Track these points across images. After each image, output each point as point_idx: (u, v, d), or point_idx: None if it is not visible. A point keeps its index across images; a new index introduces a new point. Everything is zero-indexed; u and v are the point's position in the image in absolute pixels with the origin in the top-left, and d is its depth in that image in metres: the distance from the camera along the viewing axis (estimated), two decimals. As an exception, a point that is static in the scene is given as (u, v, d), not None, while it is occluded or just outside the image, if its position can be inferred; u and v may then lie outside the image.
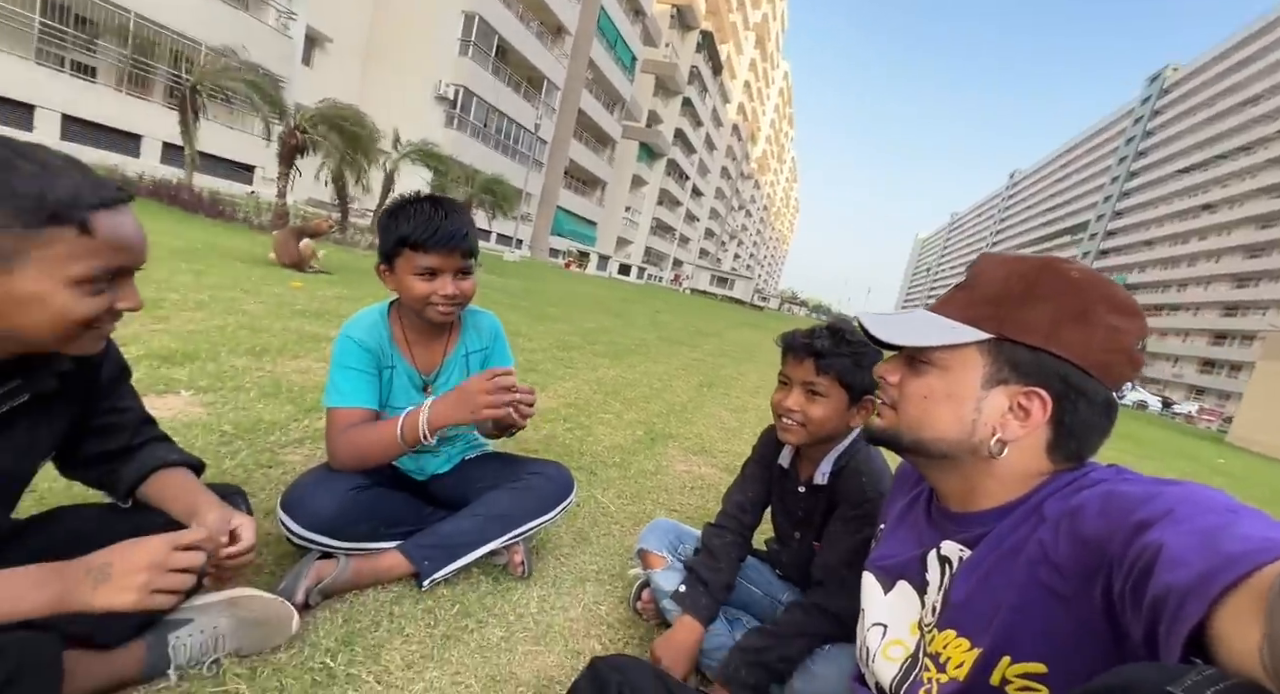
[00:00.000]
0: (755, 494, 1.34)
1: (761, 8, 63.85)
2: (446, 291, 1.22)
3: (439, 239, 1.18)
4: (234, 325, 3.16)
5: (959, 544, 0.68)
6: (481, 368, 1.44)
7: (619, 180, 40.95)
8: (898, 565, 0.77)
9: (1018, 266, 0.66)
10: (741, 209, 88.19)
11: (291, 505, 1.19)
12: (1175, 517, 0.45)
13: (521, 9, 25.23)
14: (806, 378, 1.12)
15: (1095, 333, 0.61)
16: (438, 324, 1.31)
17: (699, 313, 17.18)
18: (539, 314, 6.85)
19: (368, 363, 1.28)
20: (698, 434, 3.30)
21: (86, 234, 0.67)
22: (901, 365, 0.72)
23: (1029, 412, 0.62)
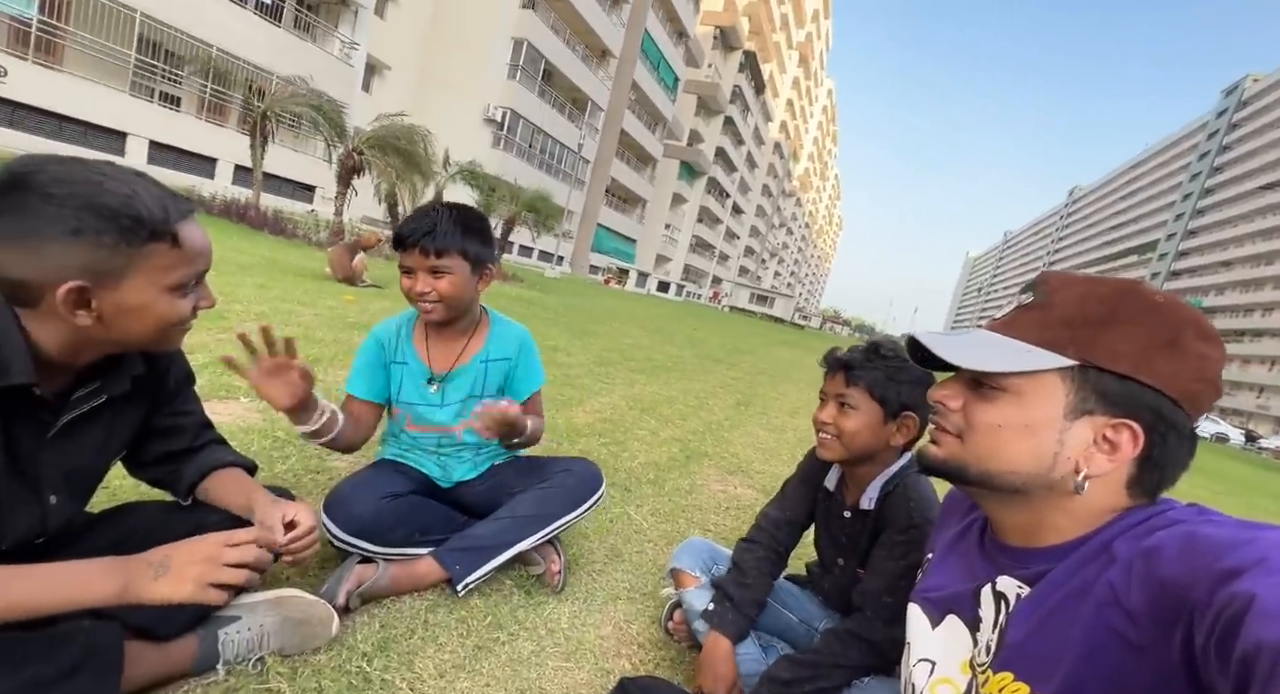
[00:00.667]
0: (794, 513, 1.30)
1: (805, 27, 63.96)
2: (417, 288, 1.28)
3: (410, 237, 1.26)
4: (291, 336, 3.32)
5: (1017, 581, 0.63)
6: (503, 378, 1.47)
7: (659, 198, 41.37)
8: (947, 599, 0.72)
9: (1096, 288, 0.61)
10: (782, 226, 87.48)
11: (331, 509, 1.25)
12: (1270, 566, 0.41)
13: (568, 34, 26.09)
14: (838, 390, 1.12)
15: (1186, 361, 0.57)
16: (432, 322, 1.37)
17: (737, 331, 17.04)
18: (578, 330, 6.94)
19: (374, 355, 1.39)
20: (734, 454, 3.24)
21: (176, 246, 0.75)
22: (963, 390, 0.66)
23: (1117, 445, 0.57)
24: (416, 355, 1.41)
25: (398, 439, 1.47)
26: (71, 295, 0.68)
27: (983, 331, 0.66)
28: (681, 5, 34.19)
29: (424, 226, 1.25)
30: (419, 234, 1.25)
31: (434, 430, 1.43)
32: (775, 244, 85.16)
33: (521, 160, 24.83)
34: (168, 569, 0.75)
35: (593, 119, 29.84)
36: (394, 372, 1.40)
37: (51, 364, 0.75)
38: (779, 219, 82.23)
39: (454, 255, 1.27)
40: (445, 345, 1.42)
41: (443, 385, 1.41)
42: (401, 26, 20.97)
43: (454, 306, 1.32)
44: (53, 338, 0.73)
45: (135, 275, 0.72)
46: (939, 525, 0.86)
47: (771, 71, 56.15)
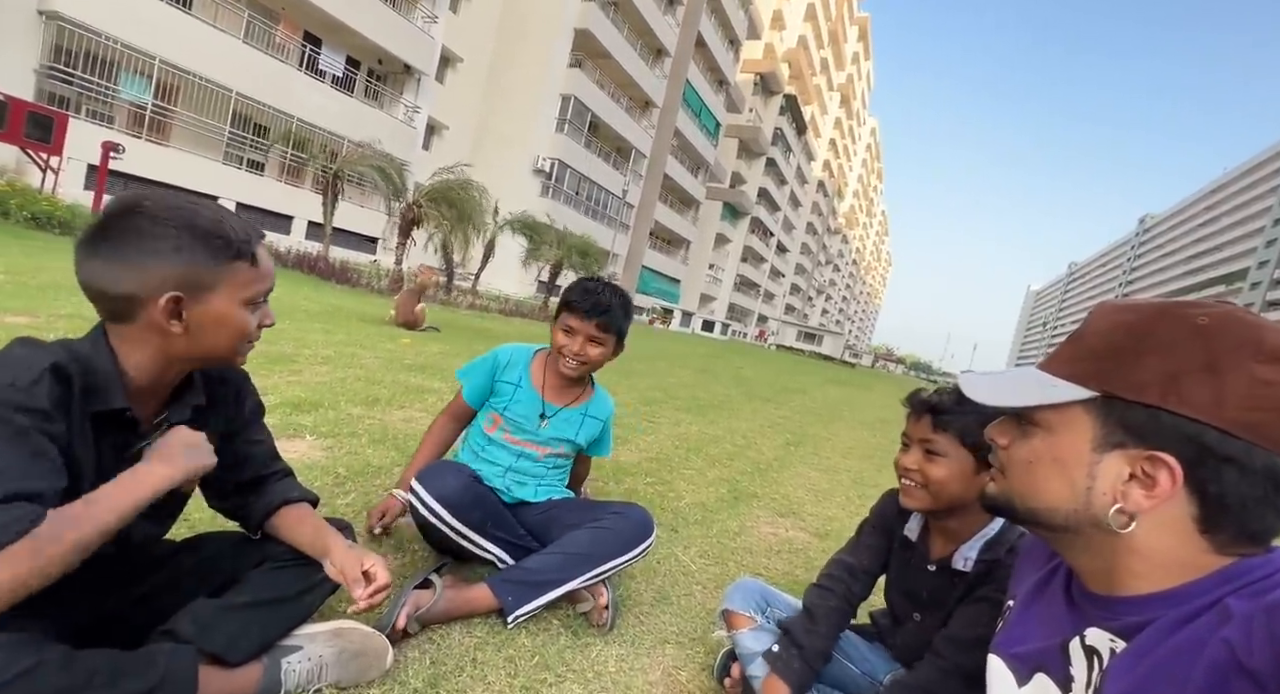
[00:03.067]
0: (868, 563, 1.22)
1: (845, 70, 64.99)
2: (573, 348, 1.51)
3: (584, 306, 1.50)
4: (352, 378, 3.52)
5: (1109, 633, 0.58)
6: (592, 434, 1.70)
7: (702, 239, 41.92)
8: (1034, 654, 0.66)
9: (1128, 315, 0.59)
10: (829, 264, 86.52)
11: (425, 478, 1.39)
12: None
13: (613, 88, 27.48)
14: (924, 435, 1.05)
15: (1231, 386, 0.51)
16: (565, 374, 1.57)
17: (785, 369, 16.71)
18: (624, 370, 6.99)
19: (487, 367, 1.64)
20: (784, 495, 3.14)
21: (254, 264, 0.86)
22: (1010, 427, 0.66)
23: (1155, 480, 0.53)
24: (531, 384, 1.63)
25: (476, 451, 1.64)
26: (170, 305, 0.78)
27: (1030, 368, 0.67)
28: (721, 56, 35.53)
29: (602, 304, 1.51)
30: (599, 310, 1.50)
31: (524, 445, 1.61)
32: (822, 281, 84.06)
33: (568, 207, 25.86)
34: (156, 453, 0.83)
35: (636, 165, 30.91)
36: (503, 388, 1.61)
37: (140, 389, 0.84)
38: (825, 256, 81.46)
39: (611, 333, 1.53)
40: (559, 387, 1.64)
41: (551, 419, 1.63)
42: (458, 89, 22.66)
43: (592, 370, 1.60)
44: (143, 356, 0.83)
45: (221, 288, 0.83)
46: (1020, 568, 0.81)
47: (813, 113, 56.96)
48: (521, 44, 23.60)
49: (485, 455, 1.62)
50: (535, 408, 1.61)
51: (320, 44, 16.17)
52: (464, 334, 7.32)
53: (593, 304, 1.48)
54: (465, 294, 14.03)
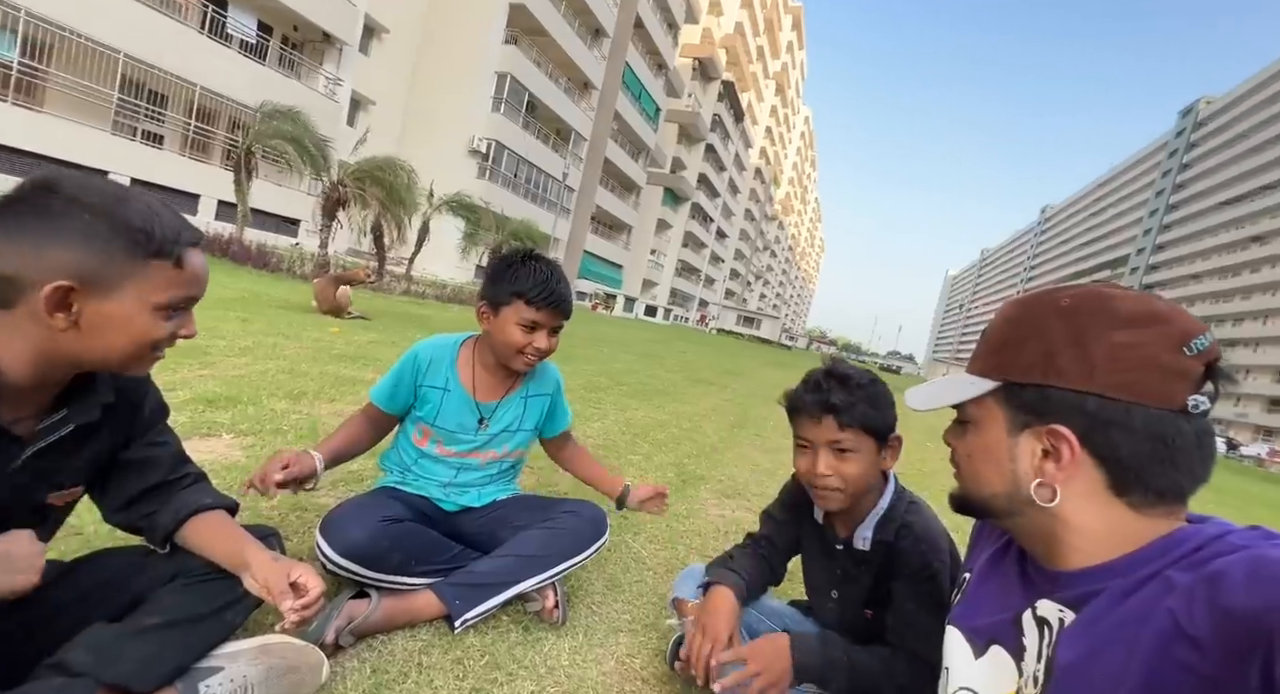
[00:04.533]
0: (780, 541, 1.28)
1: (780, 58, 66.26)
2: (541, 345, 1.35)
3: (553, 301, 1.33)
4: (275, 370, 3.27)
5: (1058, 605, 0.61)
6: (540, 415, 1.54)
7: (644, 224, 41.93)
8: (990, 627, 0.70)
9: (1014, 309, 0.66)
10: (766, 250, 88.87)
11: (329, 530, 1.23)
12: None
13: (551, 67, 26.72)
14: (831, 437, 1.02)
15: (1096, 354, 0.56)
16: (516, 371, 1.43)
17: (726, 353, 17.10)
18: (567, 356, 6.91)
19: (408, 373, 1.41)
20: (730, 477, 3.21)
21: (179, 267, 0.76)
22: (956, 428, 0.72)
23: (1059, 452, 0.59)
24: (461, 383, 1.43)
25: (408, 464, 1.47)
26: (56, 294, 0.68)
27: (954, 374, 0.74)
28: (660, 39, 35.30)
29: (566, 293, 1.36)
30: (564, 300, 1.36)
31: (464, 456, 1.46)
32: (760, 267, 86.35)
33: (506, 190, 25.09)
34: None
35: (576, 148, 30.37)
36: (429, 394, 1.42)
37: (17, 388, 0.72)
38: (762, 242, 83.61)
39: (568, 318, 1.41)
40: (492, 378, 1.46)
41: (490, 419, 1.45)
42: (386, 63, 21.35)
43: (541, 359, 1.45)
44: (21, 350, 0.71)
45: (129, 287, 0.72)
46: (974, 545, 0.84)
47: (750, 100, 57.88)
48: (453, 17, 22.49)
49: (418, 470, 1.45)
50: (469, 413, 1.43)
51: (225, 6, 14.71)
52: (398, 322, 6.98)
53: (559, 297, 1.34)
54: (399, 280, 13.36)
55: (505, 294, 1.32)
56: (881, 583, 1.09)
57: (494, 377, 1.46)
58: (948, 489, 0.75)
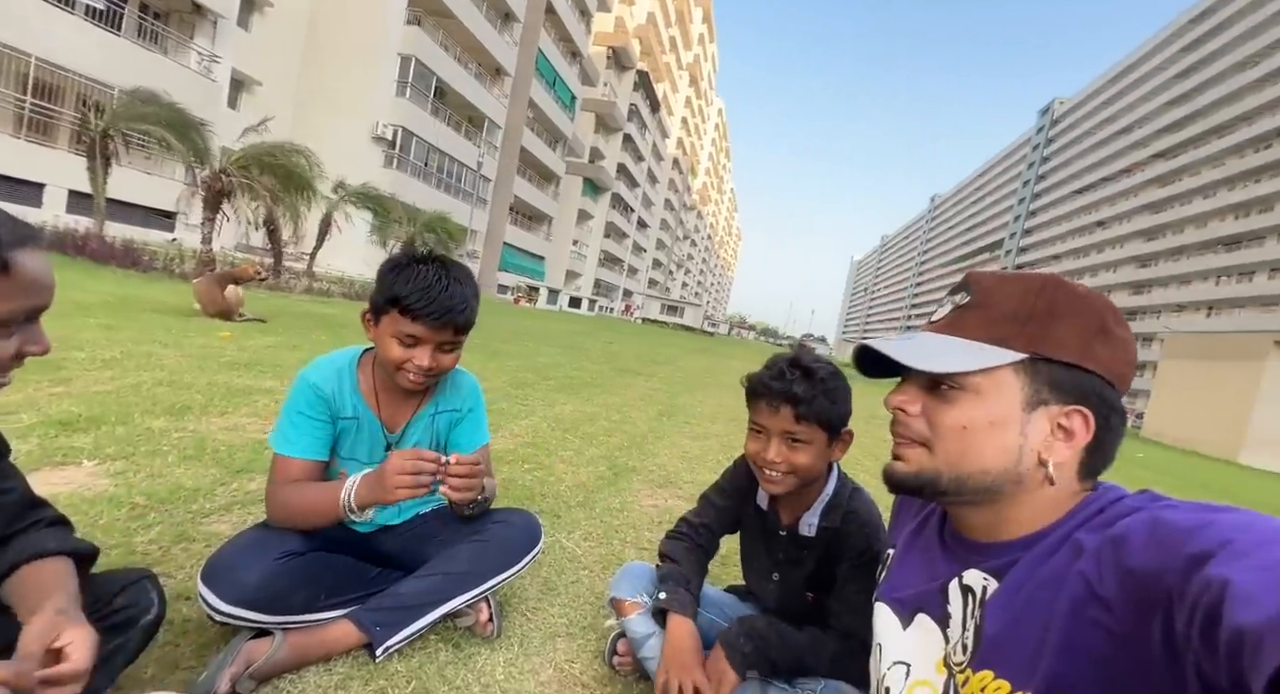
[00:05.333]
0: (714, 523, 1.29)
1: (693, 49, 67.28)
2: (422, 363, 1.13)
3: (432, 311, 1.09)
4: (150, 383, 2.89)
5: (984, 573, 0.64)
6: (449, 431, 1.35)
7: (565, 215, 41.35)
8: (915, 598, 0.71)
9: (1030, 282, 0.63)
10: (686, 239, 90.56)
11: (213, 576, 1.05)
12: (1235, 549, 0.42)
13: (459, 51, 25.50)
14: (786, 427, 1.04)
15: (1117, 345, 0.60)
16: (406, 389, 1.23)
17: (652, 342, 17.28)
18: (490, 351, 6.67)
19: (321, 410, 1.18)
20: (661, 466, 3.23)
21: (4, 274, 0.63)
22: (920, 394, 0.66)
23: (1071, 432, 0.60)
24: (368, 409, 1.24)
25: None
26: None
27: (927, 335, 0.67)
28: (574, 26, 34.68)
29: (457, 303, 1.12)
30: (447, 311, 1.11)
31: None
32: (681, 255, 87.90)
33: (417, 180, 23.79)
34: None
35: (491, 137, 29.31)
36: (339, 424, 1.22)
37: None
38: (682, 231, 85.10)
39: (466, 333, 1.19)
40: (395, 396, 1.26)
41: (398, 445, 1.27)
42: (271, 40, 19.46)
43: (442, 376, 1.25)
44: None
45: None
46: (896, 519, 0.86)
47: (665, 91, 58.36)
48: (346, -9, 20.86)
49: None
50: (377, 440, 1.26)
51: (64, -37, 12.73)
52: (300, 323, 6.42)
53: (441, 306, 1.09)
54: (299, 277, 12.30)
55: (384, 300, 1.12)
56: (824, 567, 1.12)
57: (397, 394, 1.25)
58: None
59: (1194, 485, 8.37)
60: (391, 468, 1.04)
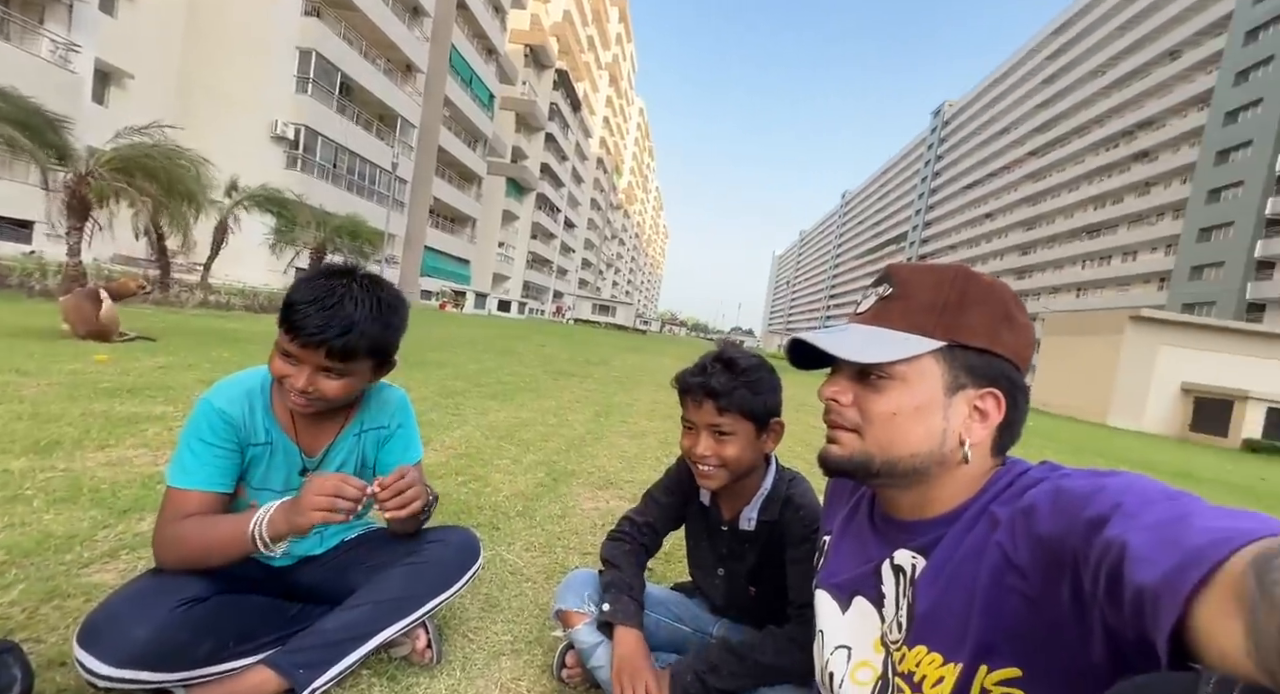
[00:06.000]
0: (658, 521, 1.28)
1: (611, 49, 67.49)
2: (297, 383, 1.03)
3: (302, 327, 0.99)
4: (7, 417, 2.51)
5: (911, 552, 0.67)
6: (377, 450, 1.25)
7: (489, 216, 40.25)
8: (851, 581, 0.74)
9: (943, 274, 0.67)
10: (614, 238, 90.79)
11: (93, 635, 0.90)
12: (1125, 510, 0.45)
13: (365, 46, 24.14)
14: (711, 420, 1.06)
15: (1019, 330, 0.65)
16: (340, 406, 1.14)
17: (584, 343, 17.18)
18: (416, 361, 6.36)
19: (226, 437, 1.07)
20: (600, 467, 3.20)
21: None
22: (850, 385, 0.68)
23: (986, 413, 0.64)
24: (283, 433, 1.14)
25: None
26: None
27: (855, 326, 0.69)
28: (488, 22, 33.77)
29: (336, 324, 0.99)
30: (318, 331, 0.98)
31: None
32: (610, 255, 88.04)
33: (325, 182, 22.31)
34: None
35: (405, 136, 27.99)
36: (250, 452, 1.11)
37: None
38: (610, 231, 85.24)
39: (356, 360, 1.05)
40: (316, 419, 1.16)
41: (318, 470, 1.16)
42: (143, 28, 17.55)
43: (340, 404, 1.12)
44: None
45: None
46: (829, 505, 0.88)
47: (585, 90, 58.16)
48: (231, -23, 19.18)
49: None
50: (294, 467, 1.16)
51: None
52: (195, 340, 5.82)
53: (313, 326, 0.98)
54: (192, 290, 11.17)
55: (280, 313, 1.04)
56: (766, 560, 1.14)
57: (314, 418, 1.16)
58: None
59: (1074, 448, 9.38)
60: (309, 489, 0.96)
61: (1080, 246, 48.72)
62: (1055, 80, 54.55)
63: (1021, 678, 0.54)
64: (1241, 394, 18.59)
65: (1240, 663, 0.33)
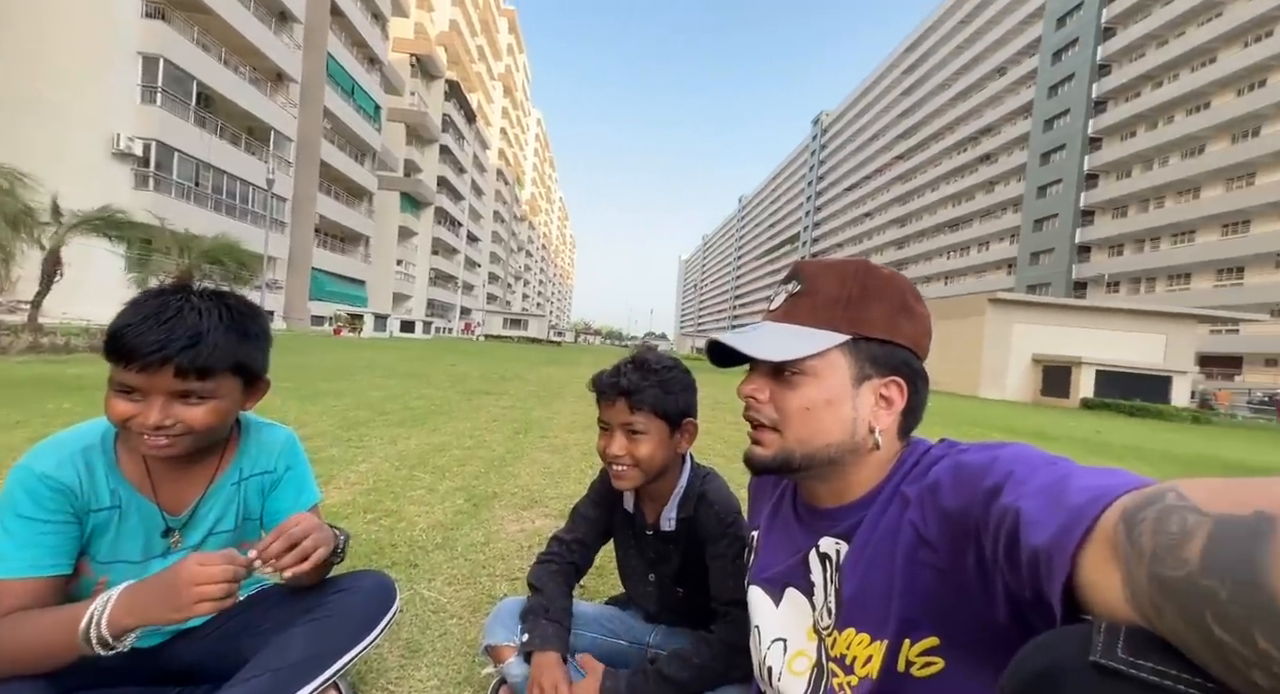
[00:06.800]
0: (586, 536, 1.27)
1: (503, 59, 66.52)
2: (148, 420, 0.86)
3: (137, 346, 0.83)
4: None
5: (834, 539, 0.69)
6: (263, 499, 1.10)
7: (384, 233, 38.01)
8: (782, 574, 0.75)
9: (845, 269, 0.70)
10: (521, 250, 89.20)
11: None
12: (1016, 478, 0.49)
13: (224, 52, 21.98)
14: (624, 419, 1.07)
15: (916, 320, 0.69)
16: (209, 451, 0.99)
17: (498, 358, 16.67)
18: (309, 392, 5.84)
19: (56, 507, 0.89)
20: (523, 486, 3.11)
21: None
22: (766, 382, 0.70)
23: (890, 400, 0.67)
24: (136, 492, 0.96)
25: None
26: None
27: (768, 324, 0.71)
28: (367, 30, 32.01)
29: (180, 335, 0.85)
30: (159, 346, 0.83)
31: None
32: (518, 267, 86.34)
33: (187, 202, 20.02)
34: None
35: (281, 151, 25.79)
36: (98, 525, 0.93)
37: None
38: (516, 243, 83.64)
39: (223, 375, 0.90)
40: (179, 470, 1.00)
41: (184, 531, 1.00)
42: (-68, 26, 14.82)
43: (210, 437, 0.95)
44: None
45: None
46: (754, 502, 0.90)
47: (479, 101, 56.81)
48: (49, -29, 16.76)
49: None
50: (154, 529, 1.00)
51: None
52: (23, 391, 4.93)
53: (153, 341, 0.83)
54: (17, 333, 9.51)
55: (105, 342, 0.87)
56: (689, 558, 1.15)
57: (178, 468, 0.99)
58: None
59: (955, 420, 10.46)
60: (189, 577, 0.80)
61: (944, 240, 54.91)
62: (912, 92, 61.23)
63: (940, 646, 0.57)
64: (1076, 361, 21.64)
65: (1121, 608, 0.36)
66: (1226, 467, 7.11)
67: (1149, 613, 0.34)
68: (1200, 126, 33.73)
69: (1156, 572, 0.33)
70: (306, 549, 0.91)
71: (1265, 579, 0.28)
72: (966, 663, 0.55)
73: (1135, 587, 0.35)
